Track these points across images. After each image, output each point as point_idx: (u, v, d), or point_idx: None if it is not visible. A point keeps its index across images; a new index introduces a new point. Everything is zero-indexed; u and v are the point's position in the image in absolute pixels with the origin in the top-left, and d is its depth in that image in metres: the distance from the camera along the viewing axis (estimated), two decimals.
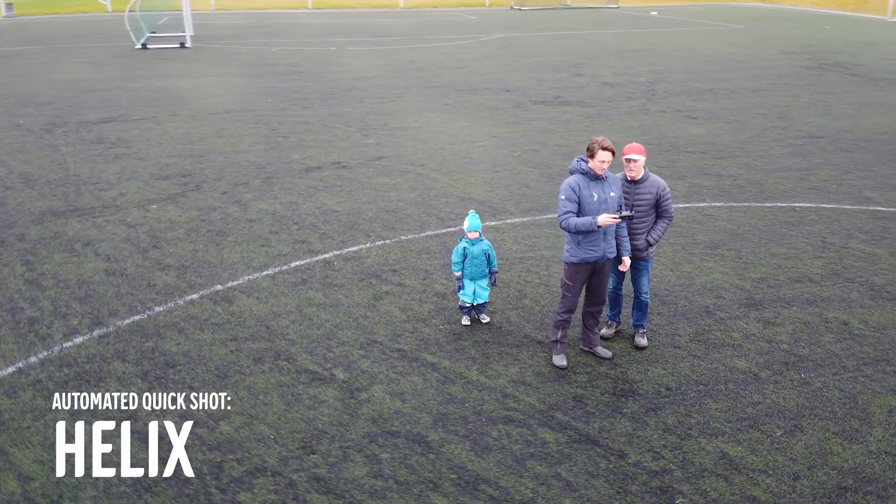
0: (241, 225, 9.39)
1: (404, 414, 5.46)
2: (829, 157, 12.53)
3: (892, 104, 17.01)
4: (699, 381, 5.90)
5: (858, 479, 4.75)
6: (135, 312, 7.08)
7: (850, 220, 9.55)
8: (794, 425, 5.33)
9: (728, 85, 19.61)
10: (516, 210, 9.95)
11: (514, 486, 4.72)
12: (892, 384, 5.83)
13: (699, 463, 4.93)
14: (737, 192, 10.75)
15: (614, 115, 16.03)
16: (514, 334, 6.65)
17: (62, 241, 8.83)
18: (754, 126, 14.92)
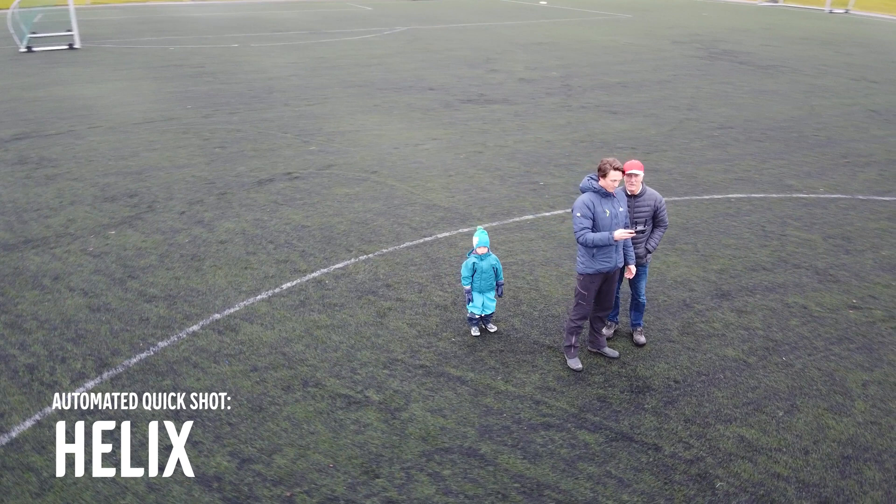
0: (214, 247, 9.24)
1: (449, 430, 5.76)
2: (744, 148, 13.74)
3: (783, 91, 18.71)
4: (700, 372, 6.56)
5: (856, 448, 5.53)
6: (138, 350, 6.92)
7: (780, 209, 10.63)
8: (790, 405, 6.07)
9: (635, 78, 20.82)
10: (482, 215, 10.34)
11: (573, 488, 5.15)
12: (859, 360, 6.72)
13: (724, 448, 5.56)
14: (675, 186, 11.64)
15: (541, 113, 16.71)
16: (524, 341, 7.07)
17: (27, 278, 8.38)
18: (670, 119, 16.03)
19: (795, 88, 19.15)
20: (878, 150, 13.51)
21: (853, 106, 17.17)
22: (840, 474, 5.25)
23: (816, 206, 10.73)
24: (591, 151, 13.47)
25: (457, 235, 9.59)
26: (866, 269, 8.59)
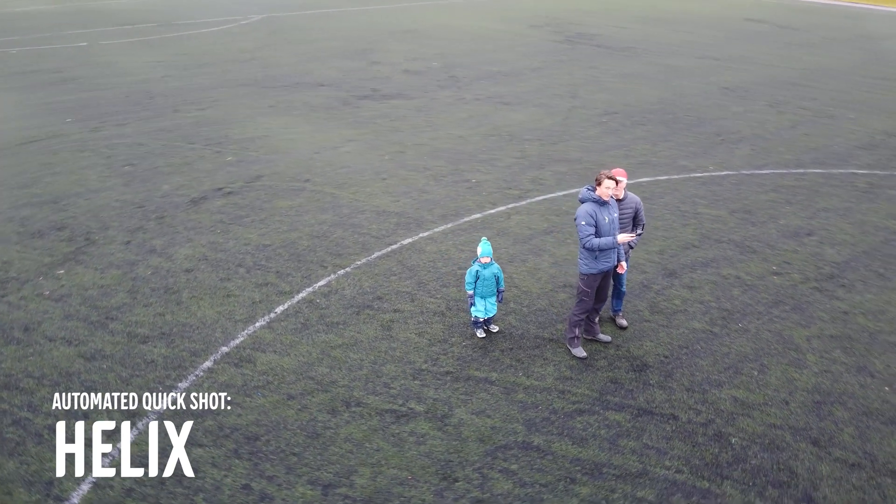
0: (182, 277, 9.11)
1: (499, 428, 6.42)
2: (633, 133, 15.28)
3: (646, 74, 20.70)
4: (680, 346, 7.68)
5: (822, 394, 6.87)
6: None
7: (684, 189, 12.12)
8: (760, 365, 7.34)
9: (512, 66, 22.01)
10: (434, 218, 10.91)
11: (624, 462, 6.03)
12: (796, 319, 8.16)
13: (725, 409, 6.68)
14: (592, 175, 12.80)
15: (440, 107, 17.37)
16: (526, 337, 7.83)
17: None
18: (559, 108, 17.33)
19: (655, 70, 21.23)
20: (742, 127, 15.57)
21: (708, 85, 19.42)
22: (818, 417, 6.54)
23: (712, 183, 12.35)
24: (503, 145, 14.37)
25: (420, 241, 10.09)
26: (773, 238, 10.19)
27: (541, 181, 12.33)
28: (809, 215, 10.96)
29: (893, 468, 5.85)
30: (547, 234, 10.26)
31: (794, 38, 27.44)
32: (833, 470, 5.86)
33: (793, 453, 6.06)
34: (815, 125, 15.63)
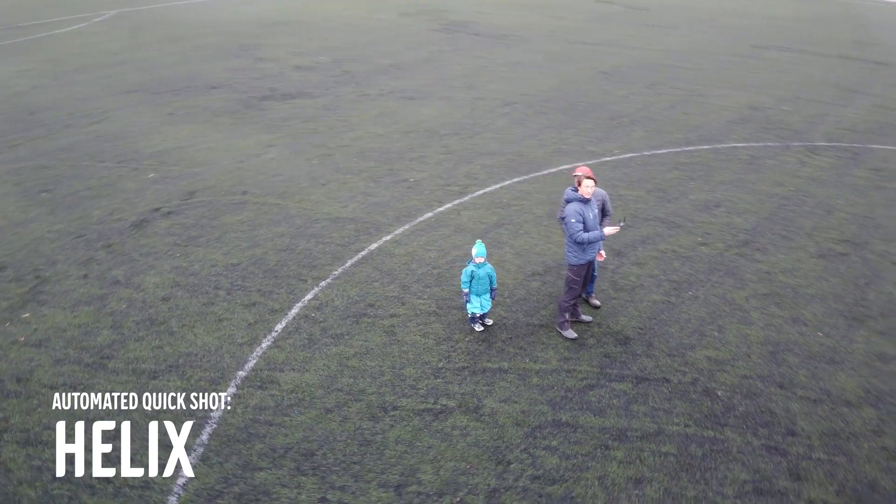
0: (162, 307, 9.05)
1: (529, 412, 7.22)
2: (538, 121, 16.43)
3: (531, 62, 21.99)
4: (649, 317, 8.84)
5: (773, 345, 8.28)
6: (199, 427, 7.03)
7: (601, 173, 13.37)
8: (718, 326, 8.65)
9: (400, 59, 22.53)
10: (389, 220, 11.40)
11: (641, 425, 7.05)
12: (732, 283, 9.56)
13: (703, 367, 7.89)
14: (516, 166, 13.80)
15: (348, 105, 17.63)
16: (519, 326, 8.65)
17: None
18: (461, 100, 18.16)
19: (537, 58, 22.60)
20: (630, 110, 17.19)
21: (589, 70, 21.05)
22: (776, 364, 7.91)
23: (622, 166, 13.74)
24: (425, 142, 14.99)
25: (386, 245, 10.58)
26: (689, 213, 11.67)
27: (474, 175, 13.11)
28: (711, 188, 12.58)
29: (847, 399, 7.30)
30: (500, 227, 11.08)
31: (646, 18, 29.98)
32: (802, 406, 7.22)
33: (767, 397, 7.36)
34: (691, 104, 17.57)
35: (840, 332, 8.40)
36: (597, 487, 6.25)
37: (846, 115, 16.59)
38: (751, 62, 21.95)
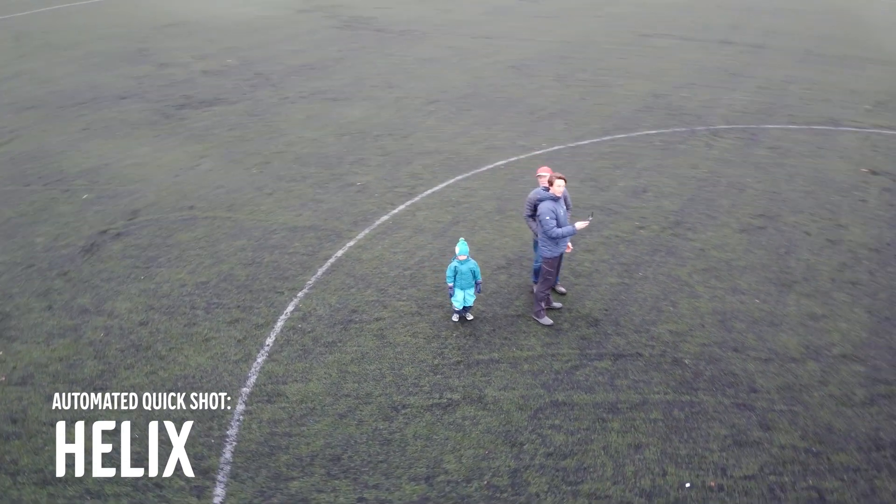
0: (143, 332, 9.00)
1: (528, 396, 7.89)
2: (465, 118, 17.07)
3: (442, 58, 22.54)
4: (611, 299, 9.74)
5: (721, 314, 9.37)
6: (216, 448, 7.20)
7: (535, 166, 14.25)
8: (671, 301, 9.67)
9: (312, 58, 22.50)
10: (348, 226, 11.70)
11: (628, 397, 7.89)
12: (674, 261, 10.63)
13: (668, 340, 8.86)
14: (455, 164, 14.39)
15: (272, 109, 17.56)
16: (498, 318, 9.30)
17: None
18: (386, 100, 18.52)
19: (445, 53, 23.21)
20: (545, 103, 18.18)
21: (498, 64, 21.90)
22: (727, 332, 9.00)
23: (553, 159, 14.65)
24: (361, 144, 15.28)
25: (351, 251, 10.90)
26: (622, 199, 12.72)
27: (418, 176, 13.59)
28: (636, 175, 13.72)
29: (792, 356, 8.47)
30: (456, 225, 11.66)
31: (535, 10, 31.24)
32: (756, 366, 8.31)
33: (727, 361, 8.41)
34: (599, 95, 18.80)
35: (774, 298, 9.62)
36: (604, 457, 7.01)
37: (737, 99, 18.33)
38: (642, 50, 23.57)
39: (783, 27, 27.48)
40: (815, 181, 13.29)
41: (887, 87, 19.33)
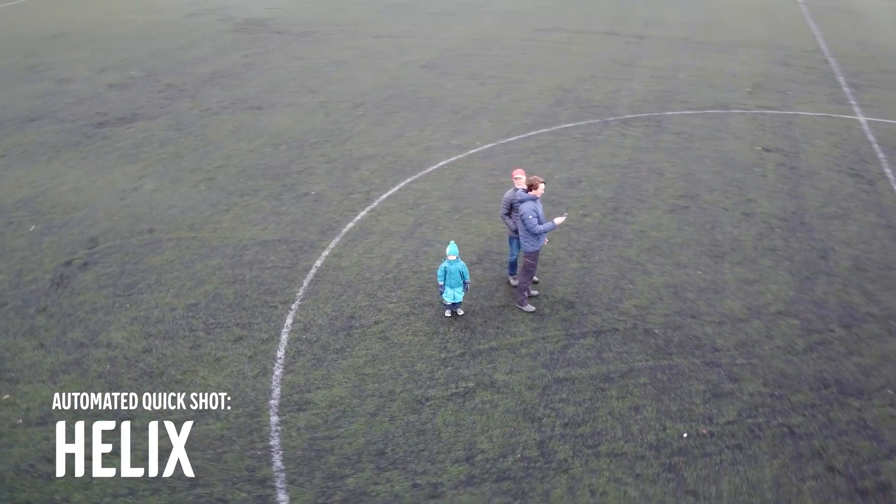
0: (149, 359, 9.17)
1: (533, 376, 8.86)
2: (395, 120, 17.71)
3: (353, 60, 22.93)
4: (578, 282, 10.89)
5: (673, 287, 10.76)
6: (266, 456, 7.69)
7: (476, 164, 15.23)
8: (629, 279, 10.96)
9: (219, 66, 22.25)
10: (317, 236, 12.14)
11: (616, 368, 9.04)
12: (621, 244, 11.93)
13: (635, 314, 10.11)
14: (400, 167, 15.06)
15: (198, 122, 17.44)
16: (486, 310, 10.20)
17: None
18: (310, 106, 18.82)
19: (355, 55, 23.62)
20: (466, 102, 19.12)
21: (409, 65, 22.63)
22: (682, 301, 10.39)
23: (489, 156, 15.67)
24: (302, 152, 15.62)
25: (329, 260, 11.40)
26: (561, 190, 13.95)
27: (369, 181, 14.19)
28: (567, 167, 15.01)
29: (738, 317, 9.96)
30: (420, 227, 12.41)
31: (428, 6, 32.11)
32: (713, 329, 9.73)
33: (688, 327, 9.78)
34: (513, 91, 20.01)
35: (711, 269, 11.14)
36: (611, 420, 8.12)
37: (636, 88, 20.13)
38: (540, 45, 25.07)
39: (658, 17, 29.94)
40: (720, 161, 15.11)
41: (761, 70, 21.86)
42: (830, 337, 9.48)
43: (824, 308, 10.10)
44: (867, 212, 12.86)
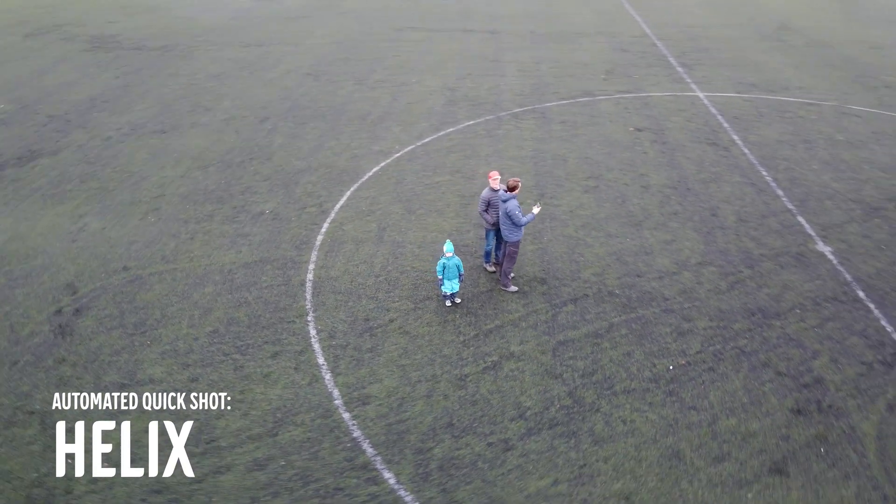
0: (200, 385, 9.88)
1: (540, 343, 10.71)
2: (310, 131, 18.56)
3: (231, 72, 23.07)
4: (541, 261, 12.88)
5: (616, 254, 13.10)
6: (356, 448, 8.91)
7: (405, 167, 16.69)
8: (579, 253, 13.13)
9: (90, 91, 21.50)
10: (297, 252, 13.04)
11: (600, 325, 11.15)
12: (558, 226, 14.15)
13: (596, 280, 12.29)
14: (337, 176, 16.13)
15: (107, 155, 17.13)
16: (477, 296, 11.89)
17: None
18: (215, 124, 19.07)
19: (230, 66, 23.74)
20: (367, 107, 20.34)
21: (291, 73, 23.26)
22: (625, 265, 12.72)
23: (414, 159, 17.18)
24: (233, 172, 16.11)
25: (319, 272, 12.41)
26: None
27: (315, 195, 15.15)
28: (485, 162, 16.91)
29: (672, 271, 12.47)
30: (385, 231, 13.74)
31: (279, 10, 32.37)
32: (657, 284, 12.16)
33: (639, 285, 12.15)
34: (405, 94, 21.51)
35: (636, 235, 13.63)
36: (614, 366, 10.22)
37: (511, 83, 22.47)
38: (405, 45, 26.65)
39: (499, 11, 32.66)
40: (606, 144, 17.81)
41: (606, 57, 25.14)
42: (742, 276, 12.27)
43: (729, 255, 12.92)
44: (732, 174, 16.09)
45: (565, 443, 8.85)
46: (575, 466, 8.50)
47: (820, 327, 10.90)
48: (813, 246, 13.09)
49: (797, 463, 8.52)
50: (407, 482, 8.28)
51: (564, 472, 8.42)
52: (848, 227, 13.71)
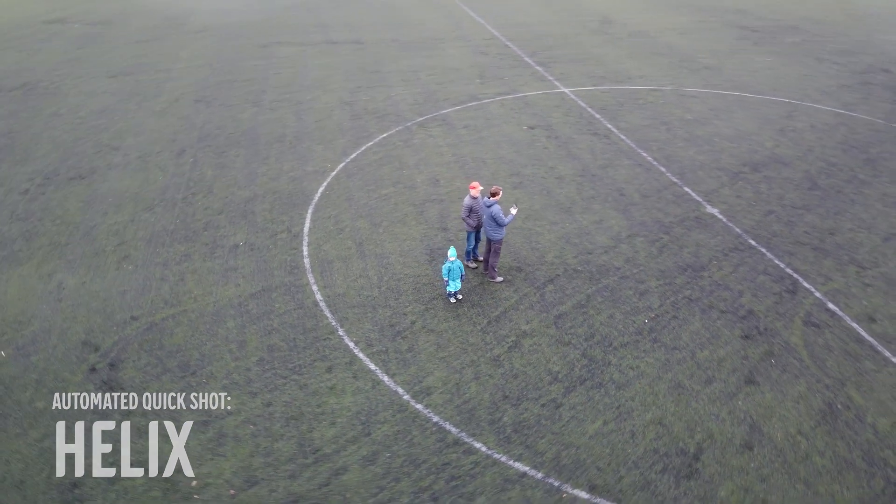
0: (274, 411, 10.98)
1: (542, 320, 12.93)
2: (235, 160, 19.06)
3: (116, 106, 22.52)
4: (508, 253, 15.10)
5: (564, 238, 15.66)
6: (440, 427, 10.64)
7: (345, 183, 17.98)
8: (534, 241, 15.54)
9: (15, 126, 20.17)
10: (291, 276, 14.12)
11: (581, 297, 13.59)
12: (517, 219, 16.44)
13: (559, 263, 14.71)
14: (290, 200, 17.05)
15: (40, 212, 16.58)
16: (472, 291, 13.83)
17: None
18: (134, 165, 18.92)
19: (111, 101, 23.10)
20: (276, 129, 21.08)
21: (178, 100, 23.22)
22: (573, 246, 15.35)
23: (351, 175, 18.47)
24: (183, 210, 16.44)
25: (323, 292, 13.66)
26: (431, 190, 17.62)
27: (279, 221, 16.07)
28: (419, 170, 18.70)
29: (612, 245, 15.26)
30: (363, 245, 15.17)
31: (126, 33, 31.20)
32: (606, 257, 14.85)
33: (593, 261, 14.75)
34: (307, 113, 22.49)
35: (570, 219, 16.21)
36: (606, 328, 12.70)
37: (401, 94, 24.27)
38: (279, 63, 27.33)
39: (356, 21, 34.01)
40: (511, 143, 20.35)
41: (471, 62, 27.70)
42: (664, 241, 15.35)
43: (647, 226, 15.98)
44: (620, 158, 19.33)
45: (598, 392, 11.16)
46: (613, 408, 10.84)
47: (735, 272, 14.18)
48: (704, 210, 16.53)
49: (760, 374, 11.54)
50: (496, 447, 10.12)
51: (608, 414, 10.73)
52: (722, 191, 17.37)
